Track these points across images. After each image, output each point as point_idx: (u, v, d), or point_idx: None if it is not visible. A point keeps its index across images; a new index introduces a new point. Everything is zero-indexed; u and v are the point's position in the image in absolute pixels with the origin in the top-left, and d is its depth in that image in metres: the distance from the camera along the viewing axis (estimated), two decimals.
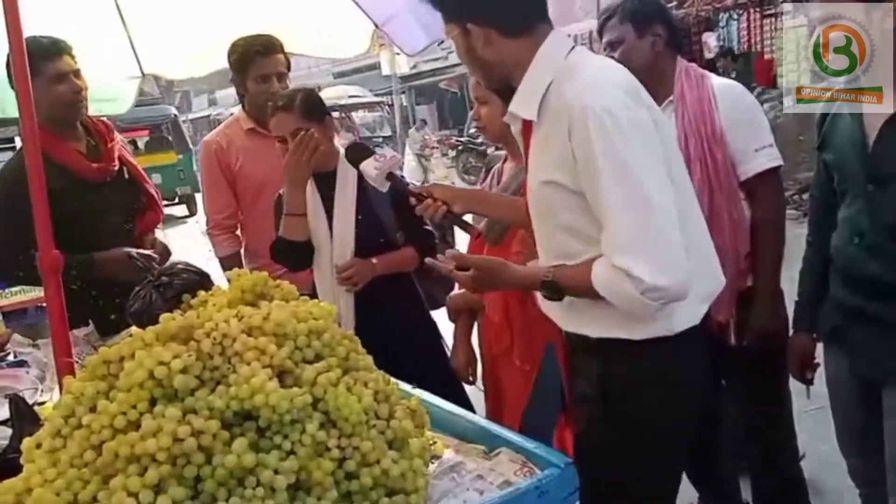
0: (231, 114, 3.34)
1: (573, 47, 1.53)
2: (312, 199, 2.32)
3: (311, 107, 2.28)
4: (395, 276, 2.35)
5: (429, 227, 2.39)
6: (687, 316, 1.50)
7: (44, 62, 2.25)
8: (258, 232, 2.66)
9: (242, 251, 2.88)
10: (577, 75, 1.45)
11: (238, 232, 2.90)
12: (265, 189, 2.67)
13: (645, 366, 1.50)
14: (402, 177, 2.10)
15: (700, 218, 1.60)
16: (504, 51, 1.50)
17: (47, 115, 2.22)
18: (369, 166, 1.90)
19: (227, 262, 2.78)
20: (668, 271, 1.37)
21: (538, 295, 1.64)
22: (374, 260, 2.30)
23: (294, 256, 2.30)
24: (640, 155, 1.39)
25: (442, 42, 2.73)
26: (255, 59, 2.67)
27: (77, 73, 2.38)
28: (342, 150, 2.29)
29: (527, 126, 1.57)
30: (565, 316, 1.60)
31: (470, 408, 1.98)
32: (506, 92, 1.58)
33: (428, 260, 1.73)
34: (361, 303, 2.28)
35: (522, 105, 1.53)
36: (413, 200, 1.85)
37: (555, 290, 1.51)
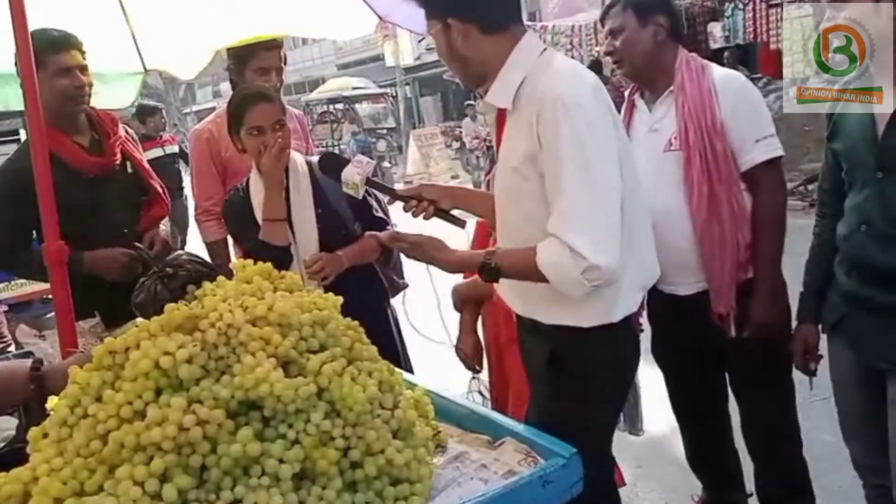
0: None
1: (545, 49, 1.67)
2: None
3: (282, 101, 2.33)
4: (360, 266, 2.36)
5: (380, 215, 2.41)
6: (625, 304, 1.69)
7: (50, 54, 2.25)
8: None
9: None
10: (549, 70, 1.59)
11: None
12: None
13: (590, 350, 1.68)
14: (382, 181, 2.14)
15: (645, 213, 1.74)
16: (482, 47, 1.62)
17: (47, 107, 2.21)
18: (352, 174, 1.90)
19: (214, 248, 2.83)
20: (606, 252, 1.50)
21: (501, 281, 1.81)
22: (339, 253, 2.30)
23: (274, 261, 2.24)
24: (599, 145, 1.52)
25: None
26: (257, 50, 2.69)
27: (83, 69, 2.37)
28: (292, 151, 2.31)
29: (500, 116, 1.70)
30: (522, 302, 1.78)
31: None
32: (484, 88, 1.69)
33: (369, 234, 1.86)
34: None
35: (498, 96, 1.65)
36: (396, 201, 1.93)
37: (493, 273, 1.65)
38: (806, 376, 2.04)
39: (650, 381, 2.46)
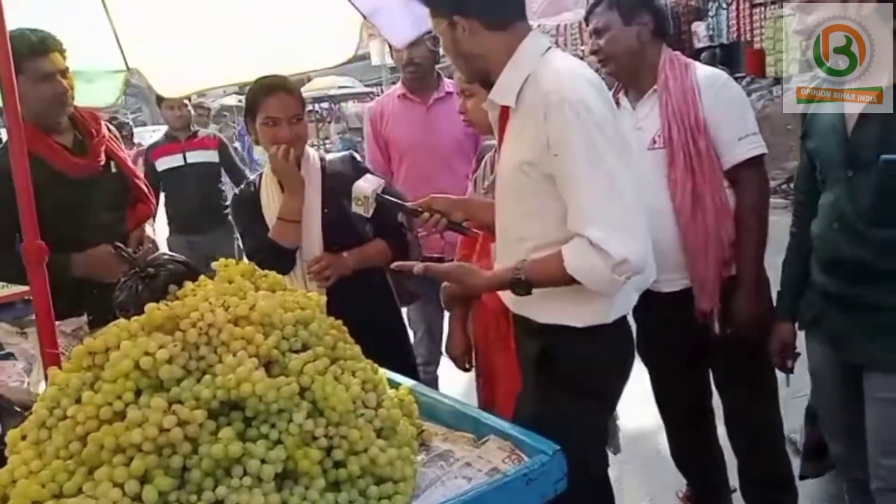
0: (220, 104, 3.56)
1: (549, 48, 1.67)
2: (277, 197, 2.27)
3: (301, 94, 2.29)
4: (366, 270, 2.30)
5: (396, 218, 2.36)
6: (620, 305, 1.70)
7: (29, 60, 2.18)
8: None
9: None
10: (553, 69, 1.60)
11: None
12: (408, 152, 3.08)
13: (582, 350, 1.68)
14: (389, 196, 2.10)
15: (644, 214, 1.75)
16: (487, 43, 1.64)
17: (30, 114, 2.17)
18: (362, 189, 1.90)
19: None
20: (630, 244, 1.51)
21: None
22: (344, 254, 2.24)
23: (278, 262, 2.14)
24: (608, 140, 1.54)
25: (431, 34, 2.78)
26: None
27: (64, 73, 2.31)
28: (307, 147, 2.29)
29: (503, 114, 1.70)
30: (515, 300, 1.74)
31: None
32: (488, 85, 1.70)
33: (396, 264, 1.80)
34: (332, 299, 2.20)
35: (502, 93, 1.66)
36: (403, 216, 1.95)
37: (524, 287, 1.62)
38: (784, 374, 2.06)
39: (635, 377, 2.47)
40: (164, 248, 3.38)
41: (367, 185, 1.92)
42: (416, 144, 3.12)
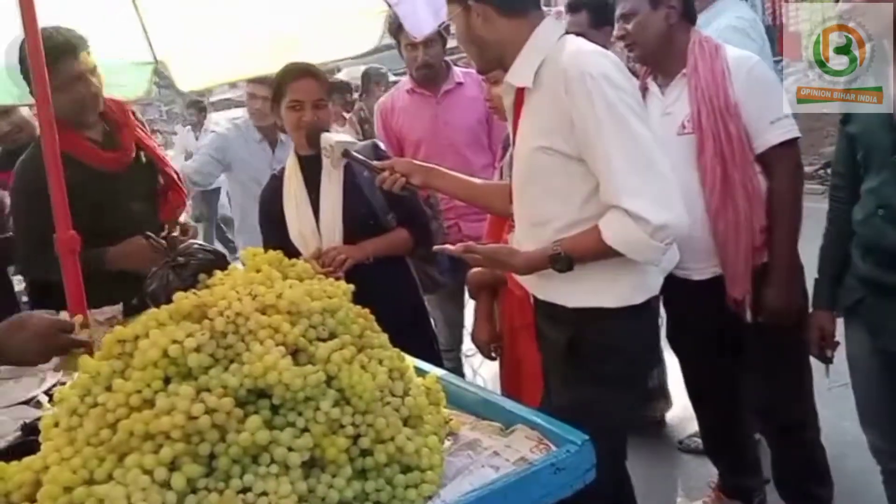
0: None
1: (563, 34, 1.69)
2: (297, 188, 2.28)
3: (329, 82, 2.29)
4: (390, 259, 2.30)
5: (421, 208, 2.37)
6: (648, 286, 1.71)
7: (58, 62, 2.17)
8: None
9: None
10: (569, 50, 1.62)
11: None
12: (421, 146, 3.06)
13: (612, 333, 1.67)
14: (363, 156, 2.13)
15: None
16: (501, 29, 1.65)
17: (60, 113, 2.17)
18: (328, 138, 2.00)
19: None
20: (666, 208, 1.53)
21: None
22: (364, 243, 2.23)
23: None
24: (631, 108, 1.56)
25: (449, 29, 2.79)
26: (402, 28, 2.86)
27: (93, 71, 2.31)
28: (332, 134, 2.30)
29: (519, 96, 1.71)
30: (542, 286, 1.76)
31: None
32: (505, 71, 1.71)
33: (437, 248, 1.86)
34: (356, 287, 2.19)
35: (518, 76, 1.68)
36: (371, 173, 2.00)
37: (565, 262, 1.63)
38: (823, 364, 2.01)
39: (667, 367, 2.45)
40: None
41: (333, 135, 2.00)
42: (427, 138, 3.10)
